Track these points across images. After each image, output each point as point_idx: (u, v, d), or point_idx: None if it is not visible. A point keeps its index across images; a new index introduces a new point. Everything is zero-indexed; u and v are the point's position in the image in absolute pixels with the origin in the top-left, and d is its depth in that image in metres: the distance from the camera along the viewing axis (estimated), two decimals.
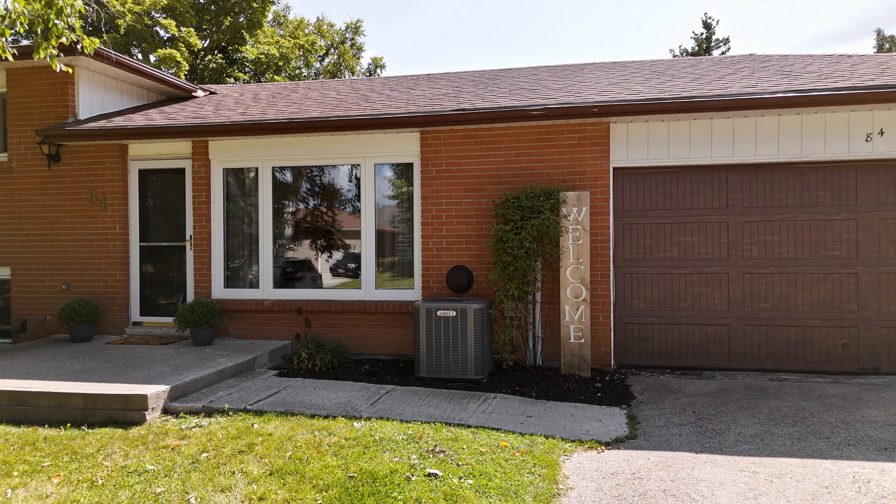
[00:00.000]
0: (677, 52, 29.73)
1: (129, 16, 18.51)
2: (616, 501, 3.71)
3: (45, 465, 4.34)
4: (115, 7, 18.06)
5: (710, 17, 29.16)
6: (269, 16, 25.00)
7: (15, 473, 4.20)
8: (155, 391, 5.40)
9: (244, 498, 3.72)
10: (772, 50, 52.76)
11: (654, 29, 57.92)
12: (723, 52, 28.90)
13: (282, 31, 27.01)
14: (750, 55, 9.25)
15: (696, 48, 29.07)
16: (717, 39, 29.12)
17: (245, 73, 23.21)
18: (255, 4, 22.71)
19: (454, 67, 57.09)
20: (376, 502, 3.59)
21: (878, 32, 24.30)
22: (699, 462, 4.31)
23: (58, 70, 5.85)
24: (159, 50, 19.48)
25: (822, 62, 7.86)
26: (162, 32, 21.09)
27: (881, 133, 6.46)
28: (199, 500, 3.69)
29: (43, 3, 5.65)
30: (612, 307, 7.01)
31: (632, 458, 4.39)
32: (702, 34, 29.22)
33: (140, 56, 21.97)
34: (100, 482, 3.99)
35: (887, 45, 23.55)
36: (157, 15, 20.58)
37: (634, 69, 8.89)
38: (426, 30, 63.45)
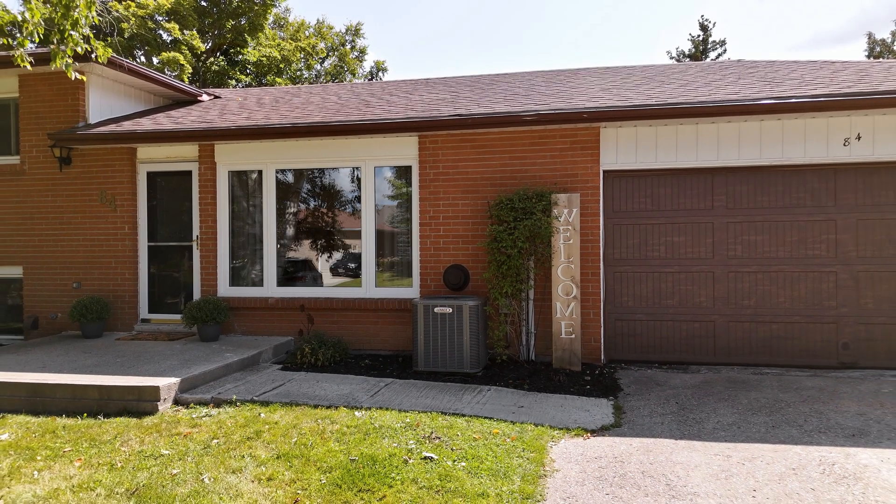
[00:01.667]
0: (674, 54, 30.07)
1: (133, 19, 18.82)
2: (597, 482, 4.01)
3: (66, 450, 4.64)
4: (118, 11, 18.36)
5: (706, 20, 29.51)
6: (270, 18, 25.30)
7: (39, 458, 4.50)
8: (167, 383, 5.70)
9: (254, 478, 4.02)
10: (768, 52, 53.04)
11: (654, 30, 58.25)
12: (719, 55, 29.23)
13: (282, 34, 27.32)
14: (738, 61, 9.55)
15: (693, 50, 29.39)
16: (714, 41, 29.43)
17: (247, 76, 23.52)
18: (256, 7, 23.01)
19: (454, 67, 57.39)
20: (376, 482, 3.90)
21: (870, 36, 24.60)
22: (678, 447, 4.62)
23: (73, 78, 6.15)
24: (163, 53, 19.78)
25: (805, 69, 8.16)
26: (165, 35, 21.41)
27: (858, 138, 6.76)
28: (212, 480, 3.99)
29: (60, 14, 5.96)
30: (602, 304, 7.31)
31: (615, 444, 4.69)
32: (698, 36, 29.54)
33: (143, 59, 22.28)
34: (119, 465, 4.30)
35: (878, 49, 23.88)
36: (161, 18, 20.87)
37: (626, 75, 9.19)
38: (427, 31, 63.77)
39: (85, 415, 5.53)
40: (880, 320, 6.87)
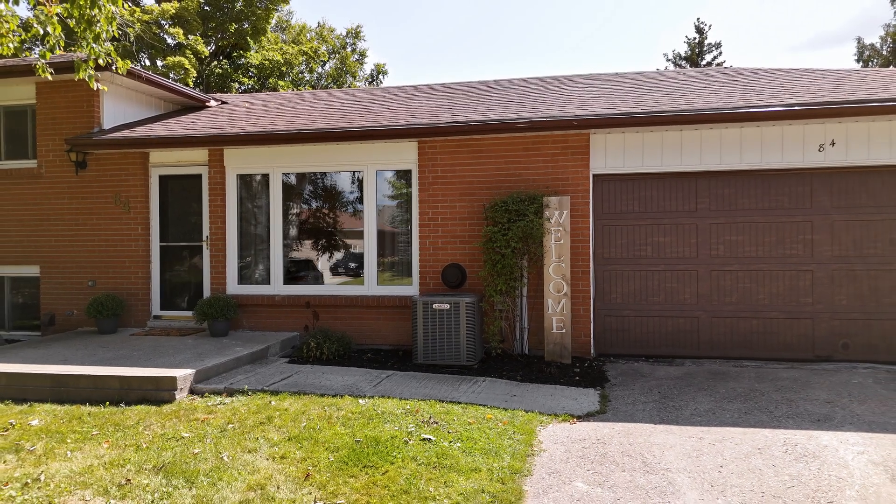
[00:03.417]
0: (671, 57, 30.49)
1: (139, 24, 19.25)
2: (580, 459, 4.42)
3: (94, 433, 5.05)
4: (124, 17, 18.77)
5: (702, 23, 29.93)
6: (273, 21, 25.73)
7: (69, 440, 4.91)
8: (183, 374, 6.12)
9: (268, 457, 4.43)
10: (768, 53, 53.48)
11: (655, 31, 58.62)
12: (714, 57, 29.67)
13: (284, 37, 27.74)
14: (724, 69, 9.97)
15: (689, 53, 29.81)
16: (710, 44, 29.87)
17: (249, 79, 23.93)
18: (259, 11, 23.43)
19: (454, 70, 57.80)
20: (380, 459, 4.31)
21: (859, 41, 24.99)
22: (656, 431, 5.03)
23: (95, 88, 6.54)
24: (168, 57, 20.20)
25: (785, 77, 8.57)
26: (169, 40, 21.84)
27: (832, 144, 7.17)
28: (230, 458, 4.40)
29: (82, 29, 6.36)
30: (591, 301, 7.72)
31: (598, 428, 5.10)
32: (694, 39, 29.97)
33: (147, 62, 22.70)
34: (144, 446, 4.71)
35: (868, 53, 24.32)
36: (165, 23, 21.30)
37: (616, 82, 9.60)
38: (427, 34, 64.18)
39: (107, 403, 5.94)
40: (853, 316, 7.28)
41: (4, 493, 3.90)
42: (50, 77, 6.80)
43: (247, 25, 23.94)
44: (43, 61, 6.80)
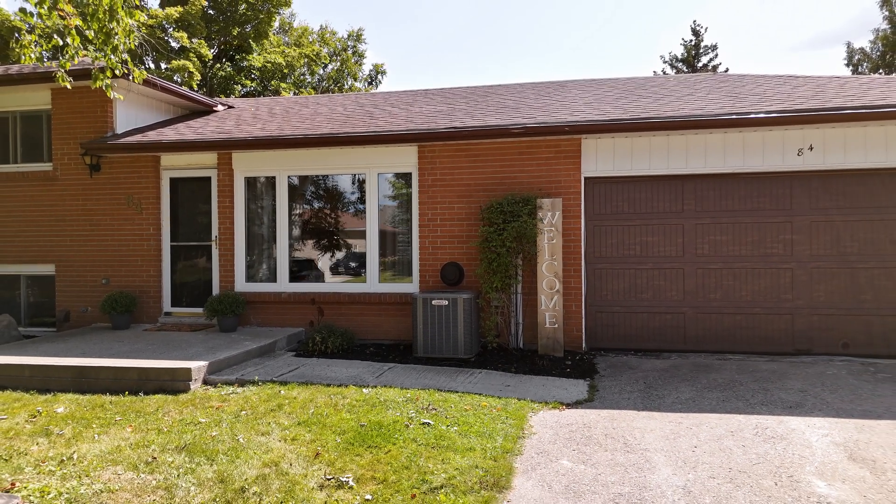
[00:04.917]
0: (667, 59, 30.89)
1: (144, 29, 19.63)
2: (567, 441, 4.82)
3: (117, 419, 5.44)
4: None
5: (698, 25, 30.31)
6: (276, 24, 26.12)
7: (94, 425, 5.30)
8: (197, 365, 6.51)
9: (280, 439, 4.82)
10: (766, 54, 53.84)
11: (655, 31, 59.00)
12: (710, 59, 30.08)
13: (287, 39, 28.13)
14: (712, 75, 10.35)
15: (685, 55, 30.21)
16: (706, 46, 30.27)
17: (252, 81, 24.32)
18: (261, 15, 23.83)
19: (455, 71, 58.16)
20: (383, 441, 4.70)
21: (848, 45, 25.41)
22: (639, 417, 5.42)
23: (112, 97, 6.94)
24: (173, 61, 20.61)
25: (769, 84, 8.97)
26: (173, 43, 22.23)
27: (811, 148, 7.56)
28: (245, 440, 4.80)
29: (101, 41, 6.75)
30: (583, 297, 8.11)
31: (585, 414, 5.50)
32: (691, 41, 30.36)
33: (151, 65, 23.08)
34: (165, 429, 5.10)
35: (857, 57, 24.74)
36: (169, 26, 21.68)
37: (609, 88, 9.99)
38: (428, 35, 64.53)
39: (126, 392, 6.33)
40: (830, 311, 7.68)
41: (44, 468, 4.29)
42: (69, 86, 7.19)
43: (249, 28, 24.34)
44: (62, 71, 7.19)
